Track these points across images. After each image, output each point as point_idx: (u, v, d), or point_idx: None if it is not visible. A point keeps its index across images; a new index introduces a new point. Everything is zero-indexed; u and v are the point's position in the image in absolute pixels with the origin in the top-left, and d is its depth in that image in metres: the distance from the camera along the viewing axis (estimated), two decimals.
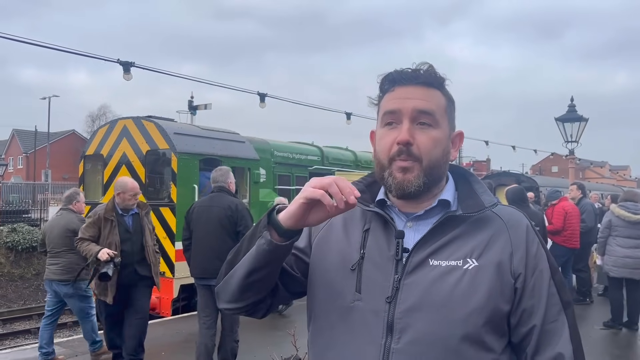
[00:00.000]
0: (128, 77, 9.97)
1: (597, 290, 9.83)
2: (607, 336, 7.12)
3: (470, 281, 1.18)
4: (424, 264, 1.21)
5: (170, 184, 8.87)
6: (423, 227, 1.26)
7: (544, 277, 1.23)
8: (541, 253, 1.25)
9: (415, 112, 1.23)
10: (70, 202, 6.10)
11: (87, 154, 10.19)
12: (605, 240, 7.20)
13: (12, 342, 10.69)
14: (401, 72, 1.27)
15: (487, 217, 1.26)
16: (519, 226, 1.27)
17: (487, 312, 1.17)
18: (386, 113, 1.27)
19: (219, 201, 5.22)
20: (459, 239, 1.23)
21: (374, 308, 1.20)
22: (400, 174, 1.23)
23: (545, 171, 69.23)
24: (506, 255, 1.22)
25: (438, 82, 1.27)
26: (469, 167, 45.06)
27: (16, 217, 22.00)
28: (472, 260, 1.20)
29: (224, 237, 5.09)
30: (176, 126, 9.64)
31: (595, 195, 13.27)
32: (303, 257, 1.36)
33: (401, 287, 1.20)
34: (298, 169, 11.79)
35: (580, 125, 11.01)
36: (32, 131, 44.78)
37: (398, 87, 1.26)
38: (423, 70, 1.26)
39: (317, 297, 1.31)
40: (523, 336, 1.22)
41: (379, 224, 1.29)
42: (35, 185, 32.10)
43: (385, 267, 1.23)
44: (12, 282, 14.97)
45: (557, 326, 1.21)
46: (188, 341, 7.07)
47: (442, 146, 1.26)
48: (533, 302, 1.21)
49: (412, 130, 1.23)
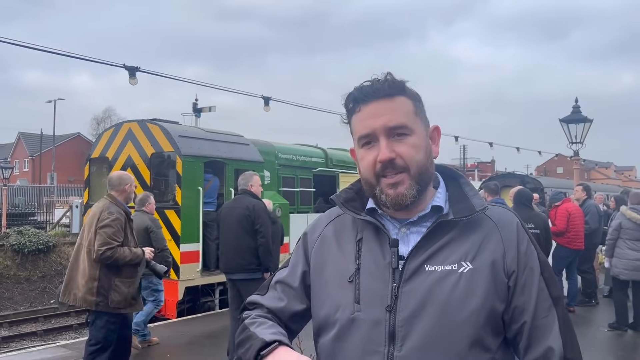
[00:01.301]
0: (134, 82, 10.03)
1: (602, 292, 9.80)
2: (612, 338, 7.09)
3: (467, 284, 1.20)
4: (420, 270, 1.22)
5: (175, 186, 8.91)
6: (416, 232, 1.27)
7: (534, 274, 1.24)
8: (531, 250, 1.27)
9: (388, 129, 1.24)
10: (143, 205, 6.65)
11: (92, 156, 10.24)
12: (615, 243, 7.13)
13: (19, 345, 10.73)
14: (361, 90, 1.27)
15: (479, 219, 1.27)
16: (509, 225, 1.28)
17: (484, 313, 1.19)
18: (361, 137, 1.28)
19: (241, 202, 5.74)
20: (452, 243, 1.24)
21: (375, 318, 1.22)
22: (391, 190, 1.24)
23: (550, 172, 69.01)
24: (499, 255, 1.23)
25: (399, 88, 1.27)
26: (473, 168, 44.96)
27: (22, 220, 22.12)
28: (466, 263, 1.22)
29: (244, 236, 5.61)
30: (181, 129, 9.68)
31: (600, 197, 13.22)
32: (305, 291, 1.40)
33: (400, 295, 1.21)
34: (302, 171, 11.81)
35: (585, 126, 10.97)
36: (37, 134, 45.02)
37: (363, 106, 1.27)
38: (382, 82, 1.26)
39: (319, 312, 1.32)
40: (516, 332, 1.24)
41: (371, 233, 1.30)
42: (40, 188, 32.29)
43: (382, 276, 1.24)
44: (19, 285, 15.03)
45: (547, 321, 1.23)
46: (193, 343, 7.10)
47: (423, 149, 1.27)
48: (524, 298, 1.23)
49: (391, 144, 1.24)
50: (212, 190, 9.59)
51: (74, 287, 4.60)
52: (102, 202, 4.81)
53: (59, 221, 22.25)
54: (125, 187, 4.87)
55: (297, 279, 1.39)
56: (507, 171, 25.59)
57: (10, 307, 14.24)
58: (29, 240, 15.73)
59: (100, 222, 4.56)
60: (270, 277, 1.47)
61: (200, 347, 6.87)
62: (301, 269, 1.40)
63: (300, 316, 1.39)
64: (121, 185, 4.87)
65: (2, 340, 10.94)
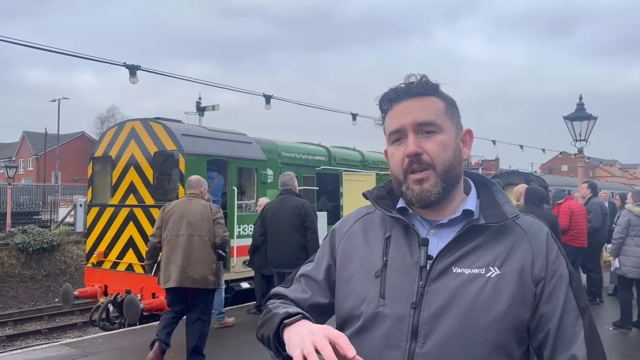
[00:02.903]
0: (134, 81, 10.04)
1: (607, 290, 9.77)
2: (616, 336, 7.07)
3: (493, 289, 1.20)
4: (448, 271, 1.23)
5: (178, 185, 8.92)
6: (446, 235, 1.29)
7: (562, 283, 1.25)
8: (560, 259, 1.28)
9: (416, 124, 1.27)
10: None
11: (95, 155, 10.26)
12: (622, 241, 7.02)
13: (23, 343, 10.79)
14: (395, 90, 1.31)
15: (509, 226, 1.28)
16: (539, 234, 1.29)
17: (509, 319, 1.20)
18: (391, 133, 1.32)
19: (288, 202, 6.34)
20: (481, 248, 1.25)
21: (399, 313, 1.23)
22: (417, 186, 1.26)
23: (555, 170, 68.83)
24: (528, 263, 1.24)
25: (431, 89, 1.30)
26: (477, 166, 44.87)
27: (27, 219, 22.20)
28: (494, 268, 1.23)
29: (293, 233, 6.25)
30: (184, 127, 9.69)
31: (605, 194, 13.15)
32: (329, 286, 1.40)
33: (426, 294, 1.22)
34: (305, 170, 11.80)
35: (589, 123, 10.91)
36: (42, 133, 45.18)
37: (395, 105, 1.31)
38: (415, 82, 1.30)
39: (343, 305, 1.34)
40: (541, 341, 1.24)
41: (400, 231, 1.32)
42: (45, 187, 32.42)
43: (409, 274, 1.25)
44: (23, 283, 15.10)
45: (573, 331, 1.23)
46: None
47: (452, 148, 1.29)
48: (550, 307, 1.23)
49: (418, 140, 1.27)
50: (217, 188, 9.59)
51: (192, 271, 5.47)
52: (197, 200, 5.75)
53: (63, 220, 22.33)
54: (202, 190, 5.87)
55: (321, 273, 1.40)
56: (511, 169, 25.49)
57: (14, 305, 14.31)
58: (34, 239, 15.80)
59: (214, 215, 5.66)
60: (296, 270, 1.48)
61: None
62: (326, 263, 1.41)
63: (322, 309, 1.39)
64: (199, 187, 5.86)
65: (7, 339, 10.99)
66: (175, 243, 5.52)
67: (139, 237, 9.14)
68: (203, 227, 5.55)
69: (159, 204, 9.01)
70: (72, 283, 11.57)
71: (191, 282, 5.44)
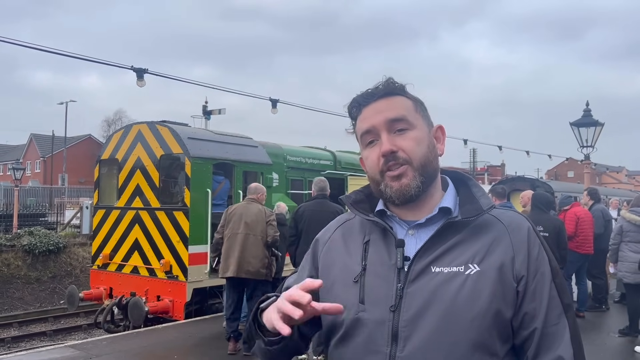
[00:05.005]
0: (141, 84, 10.09)
1: (613, 297, 9.70)
2: (622, 344, 7.01)
3: (472, 287, 1.18)
4: (426, 271, 1.21)
5: (184, 188, 8.95)
6: (425, 234, 1.27)
7: (545, 280, 1.22)
8: (542, 256, 1.25)
9: (388, 122, 1.27)
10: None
11: (102, 158, 10.31)
12: (617, 247, 7.11)
13: (28, 344, 10.83)
14: (363, 94, 1.32)
15: (488, 221, 1.27)
16: (520, 229, 1.26)
17: (490, 317, 1.17)
18: (363, 134, 1.31)
19: (327, 206, 6.56)
20: (460, 245, 1.23)
21: (378, 318, 1.21)
22: (396, 183, 1.25)
23: (561, 176, 68.50)
24: (508, 259, 1.22)
25: (398, 89, 1.31)
26: (483, 172, 44.76)
27: (33, 221, 22.27)
28: (473, 265, 1.20)
29: None
30: (190, 131, 9.72)
31: (616, 202, 13.07)
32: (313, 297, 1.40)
33: (404, 296, 1.21)
34: (311, 174, 11.79)
35: (596, 129, 10.86)
36: (49, 135, 45.42)
37: (365, 108, 1.31)
38: (382, 84, 1.31)
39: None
40: (524, 339, 1.22)
41: (379, 235, 1.30)
42: (52, 189, 32.59)
43: (388, 277, 1.24)
44: (29, 285, 15.16)
45: (558, 329, 1.21)
46: (200, 345, 7.12)
47: (426, 143, 1.28)
48: (534, 305, 1.21)
49: (392, 139, 1.26)
50: (223, 192, 9.62)
51: (246, 265, 6.36)
52: (254, 204, 6.68)
53: (69, 222, 22.43)
54: (259, 196, 6.79)
55: None
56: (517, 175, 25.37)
57: (20, 307, 14.36)
58: (40, 240, 15.87)
59: (268, 218, 6.57)
60: (282, 283, 1.48)
61: (208, 349, 6.88)
62: (307, 273, 1.40)
63: (309, 321, 1.35)
64: (257, 193, 6.81)
65: (12, 340, 11.04)
66: (234, 240, 6.44)
67: (145, 240, 9.16)
68: (257, 228, 6.47)
69: (165, 207, 9.06)
70: (78, 285, 11.63)
71: (245, 273, 6.35)
